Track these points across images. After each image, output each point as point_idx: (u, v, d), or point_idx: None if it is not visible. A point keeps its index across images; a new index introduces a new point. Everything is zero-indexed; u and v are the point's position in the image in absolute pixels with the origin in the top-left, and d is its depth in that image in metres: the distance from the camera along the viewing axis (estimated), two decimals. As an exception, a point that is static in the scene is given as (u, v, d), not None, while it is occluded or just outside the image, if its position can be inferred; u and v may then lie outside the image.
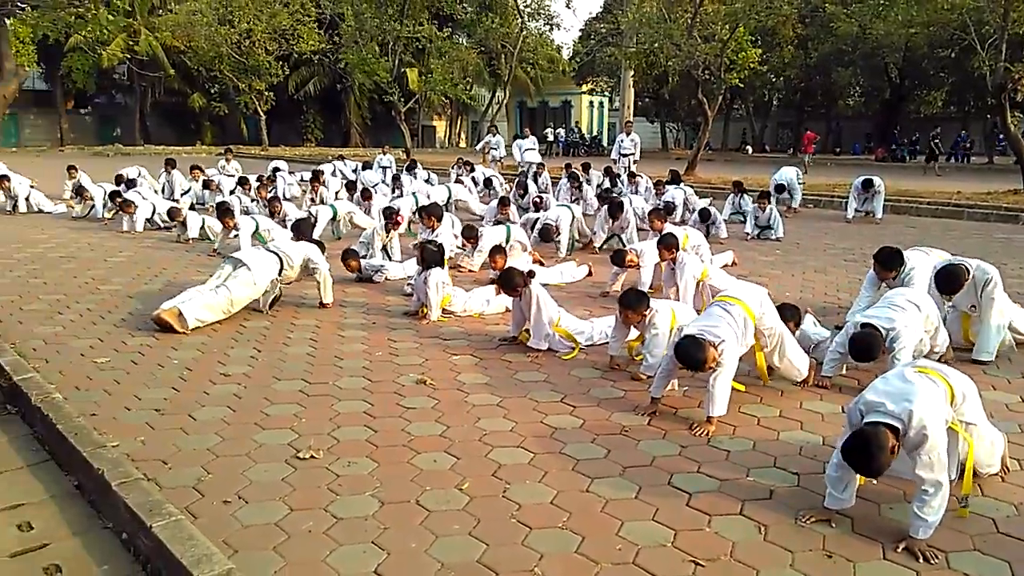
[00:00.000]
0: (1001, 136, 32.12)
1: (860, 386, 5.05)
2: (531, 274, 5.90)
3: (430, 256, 6.86)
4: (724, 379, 4.38)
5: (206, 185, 15.33)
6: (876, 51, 32.67)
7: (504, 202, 12.23)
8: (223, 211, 9.78)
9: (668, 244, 7.16)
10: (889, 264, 6.14)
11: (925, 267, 6.11)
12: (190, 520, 3.30)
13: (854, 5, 23.69)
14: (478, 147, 21.83)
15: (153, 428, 4.35)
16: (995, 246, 11.20)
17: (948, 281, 5.63)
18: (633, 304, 5.25)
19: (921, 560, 3.07)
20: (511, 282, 5.87)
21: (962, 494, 3.45)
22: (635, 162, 18.64)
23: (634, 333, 5.60)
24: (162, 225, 12.11)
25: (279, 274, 7.02)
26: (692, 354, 4.35)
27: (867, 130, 42.54)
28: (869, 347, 4.76)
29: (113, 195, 13.10)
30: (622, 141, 19.28)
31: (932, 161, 26.22)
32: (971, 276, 5.62)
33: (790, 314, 5.32)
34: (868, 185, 13.80)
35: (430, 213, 8.91)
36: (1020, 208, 14.57)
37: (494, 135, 22.62)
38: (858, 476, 3.40)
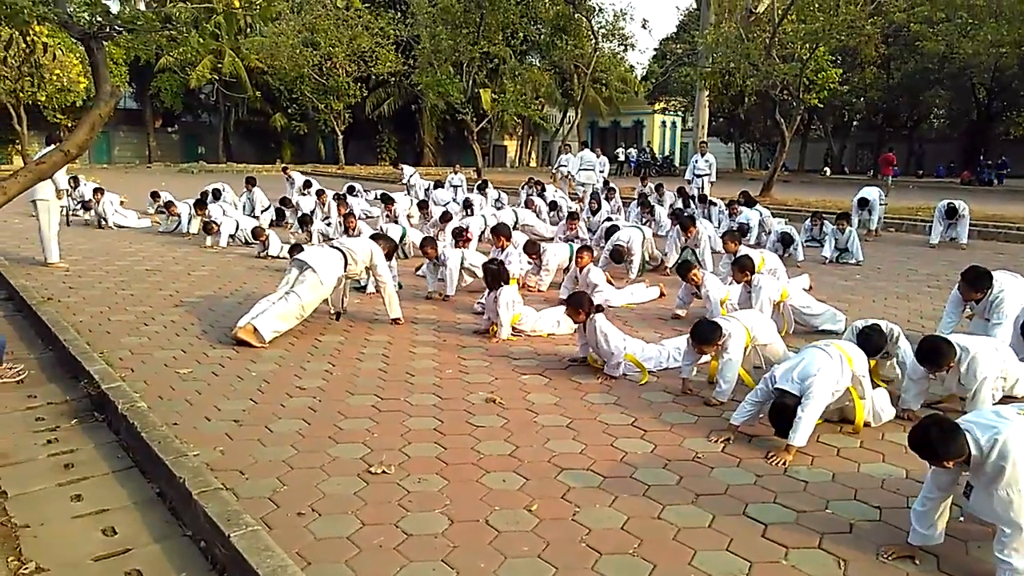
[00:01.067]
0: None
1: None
2: (599, 308, 5.82)
3: (493, 275, 6.88)
4: (812, 411, 4.24)
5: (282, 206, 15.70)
6: (963, 71, 31.57)
7: (573, 216, 12.22)
8: (303, 219, 10.01)
9: (743, 266, 7.04)
10: (977, 284, 5.90)
11: (1016, 292, 5.85)
12: (266, 531, 3.37)
13: (940, 24, 23.00)
14: (553, 168, 21.89)
15: (232, 439, 4.47)
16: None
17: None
18: (706, 337, 5.15)
19: None
20: (577, 307, 5.81)
21: None
22: (711, 183, 18.40)
23: (706, 356, 5.51)
24: (246, 241, 12.50)
25: (344, 269, 7.10)
26: (782, 417, 4.29)
27: (951, 152, 41.02)
28: (936, 350, 4.56)
29: (198, 204, 13.50)
30: (696, 161, 19.09)
31: None
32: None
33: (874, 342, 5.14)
34: (952, 213, 13.29)
35: (500, 232, 8.96)
36: (1121, 235, 13.80)
37: (565, 153, 22.67)
38: (947, 512, 3.26)
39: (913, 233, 15.26)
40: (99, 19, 6.21)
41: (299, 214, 13.50)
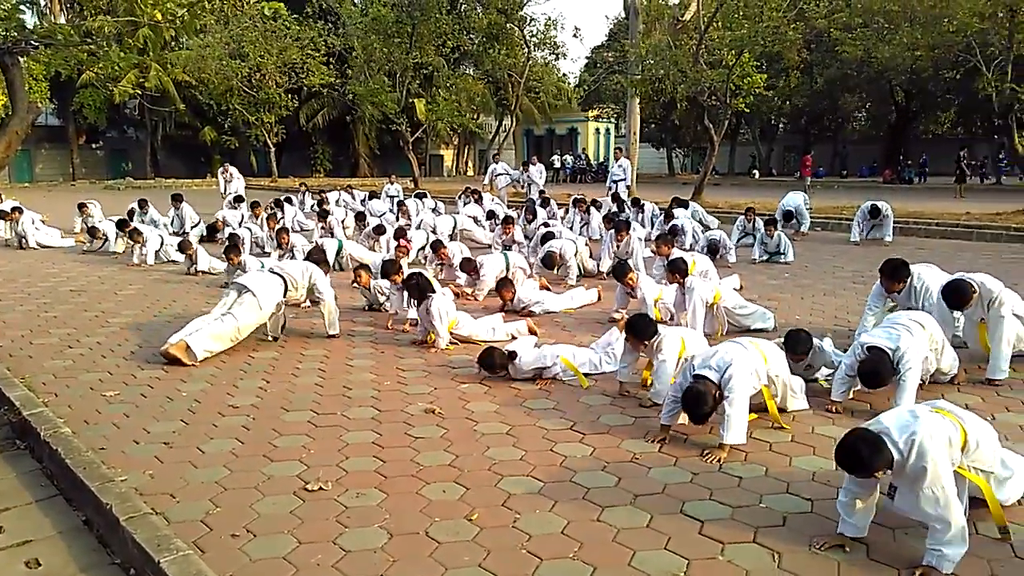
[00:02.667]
0: (1002, 157, 32.18)
1: (872, 410, 5.02)
2: (512, 355, 5.84)
3: (415, 290, 6.85)
4: (740, 404, 4.35)
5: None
6: (882, 75, 32.73)
7: (508, 220, 12.28)
8: (231, 247, 9.81)
9: (676, 269, 7.19)
10: (895, 275, 6.14)
11: (934, 277, 6.10)
12: (198, 555, 3.28)
13: (859, 30, 23.82)
14: (485, 180, 21.97)
15: (162, 461, 4.34)
16: (1006, 266, 11.12)
17: (956, 296, 5.61)
18: (639, 331, 5.24)
19: None
20: (492, 364, 5.80)
21: (998, 525, 3.39)
22: (628, 187, 18.66)
23: (642, 357, 5.58)
24: (168, 259, 12.20)
25: (284, 295, 7.02)
26: (703, 406, 4.33)
27: (874, 153, 42.51)
28: (877, 372, 4.73)
29: (121, 224, 13.16)
30: (612, 168, 19.49)
31: (961, 183, 25.92)
32: (977, 292, 5.59)
33: (793, 344, 5.33)
34: (876, 212, 13.79)
35: (437, 248, 8.92)
36: (1030, 228, 14.49)
37: (497, 163, 22.77)
38: (873, 503, 3.36)
39: (838, 232, 15.75)
40: (14, 34, 6.00)
41: (227, 232, 13.28)
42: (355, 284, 8.44)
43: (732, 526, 3.53)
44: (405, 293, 7.92)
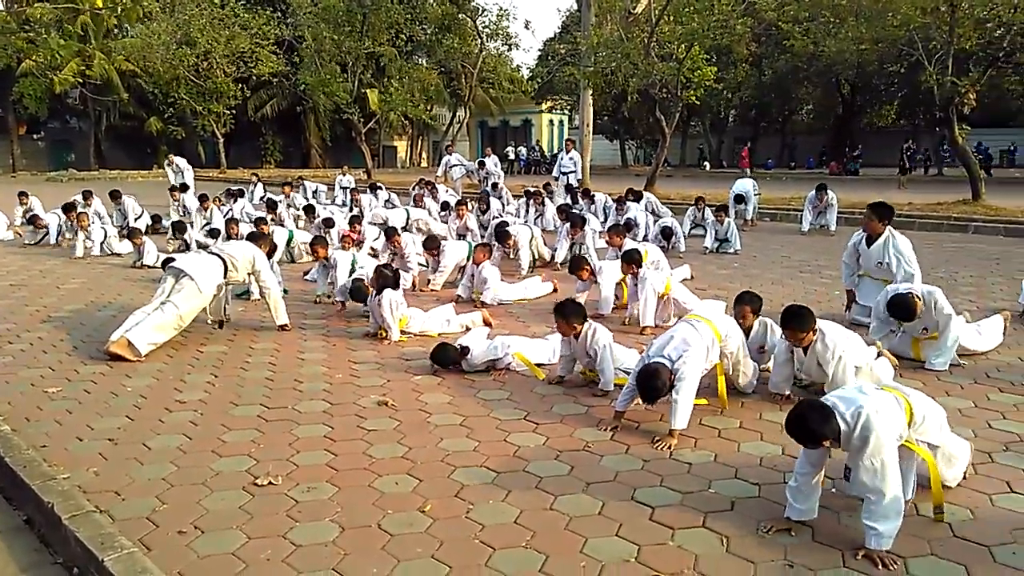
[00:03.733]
0: (948, 148, 33.05)
1: (819, 395, 5.13)
2: (464, 350, 5.84)
3: (383, 279, 6.81)
4: (687, 392, 4.42)
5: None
6: (829, 68, 33.36)
7: (461, 203, 12.27)
8: (177, 223, 9.65)
9: (630, 260, 7.27)
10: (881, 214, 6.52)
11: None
12: (144, 552, 3.22)
13: (807, 23, 24.21)
14: (439, 171, 21.86)
15: (106, 459, 4.24)
16: (947, 255, 11.46)
17: (903, 310, 5.74)
18: (566, 314, 5.25)
19: (880, 567, 3.10)
20: (446, 360, 5.79)
21: (935, 504, 3.50)
22: (578, 180, 18.71)
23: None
24: (112, 252, 11.92)
25: (224, 276, 6.83)
26: (656, 389, 4.39)
27: (821, 145, 43.35)
28: (799, 315, 4.78)
29: (67, 208, 12.76)
30: (562, 159, 19.48)
31: (905, 174, 26.61)
32: (922, 302, 5.72)
33: (748, 299, 5.49)
34: (822, 189, 14.17)
35: (390, 234, 8.85)
36: (969, 218, 14.95)
37: (450, 154, 22.62)
38: (819, 488, 3.44)
39: (786, 222, 16.05)
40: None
41: (172, 220, 13.01)
42: (307, 273, 8.42)
43: (682, 512, 3.58)
44: (328, 269, 8.31)
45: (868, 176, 32.53)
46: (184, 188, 15.79)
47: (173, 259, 7.11)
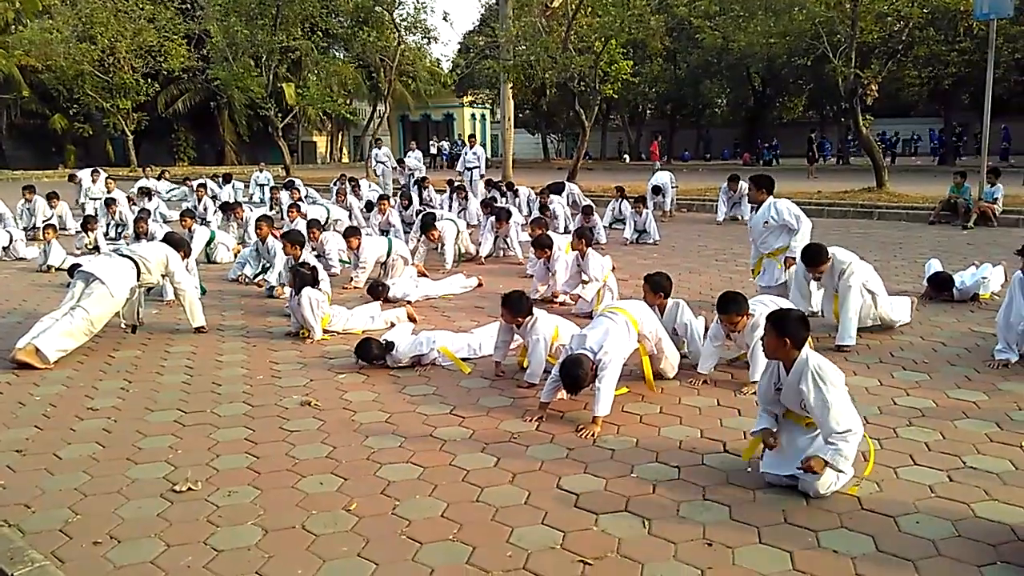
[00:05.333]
0: (854, 138, 34.49)
1: (734, 380, 5.32)
2: (389, 345, 5.83)
3: (301, 278, 6.69)
4: (609, 380, 4.51)
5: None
6: (740, 61, 34.35)
7: (383, 198, 12.17)
8: (88, 220, 9.31)
9: (541, 244, 7.89)
10: (759, 184, 6.91)
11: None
12: (56, 565, 3.11)
13: (717, 18, 24.85)
14: (372, 163, 21.60)
15: (14, 471, 4.07)
16: (854, 240, 11.95)
17: (814, 256, 6.06)
18: (513, 306, 5.34)
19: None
20: (368, 354, 5.78)
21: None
22: (481, 175, 18.72)
23: (517, 340, 5.68)
24: (17, 256, 11.37)
25: (137, 279, 6.60)
26: (577, 378, 4.49)
27: (735, 137, 44.60)
28: (734, 299, 5.10)
29: None
30: (465, 154, 19.45)
31: (813, 164, 27.58)
32: (831, 260, 6.02)
33: (657, 282, 5.69)
34: (734, 179, 14.71)
35: (311, 226, 8.70)
36: (874, 204, 15.64)
37: (379, 148, 22.31)
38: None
39: (703, 212, 16.48)
40: None
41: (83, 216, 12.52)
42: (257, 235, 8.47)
43: (605, 497, 3.66)
44: (261, 254, 8.56)
45: (780, 167, 33.65)
46: (32, 190, 14.98)
47: (80, 264, 6.84)
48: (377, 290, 7.89)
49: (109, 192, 16.49)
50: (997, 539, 3.21)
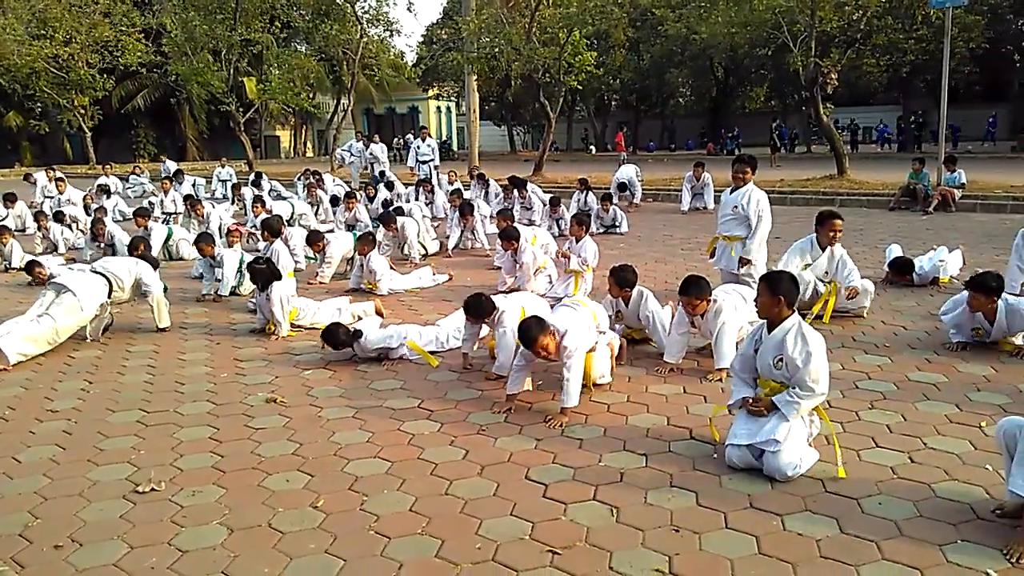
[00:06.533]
0: (816, 126, 34.92)
1: (700, 368, 5.36)
2: (357, 334, 5.80)
3: (262, 276, 6.61)
4: (576, 371, 4.51)
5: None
6: (703, 52, 34.54)
7: (350, 196, 12.06)
8: (32, 264, 9.09)
9: (508, 236, 7.97)
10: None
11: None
12: (16, 570, 3.05)
13: (680, 9, 24.98)
14: (337, 156, 21.35)
15: (-30, 476, 3.98)
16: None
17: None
18: (476, 311, 5.34)
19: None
20: (336, 341, 5.74)
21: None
22: (435, 167, 18.61)
23: (485, 330, 5.68)
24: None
25: (108, 297, 6.55)
26: (530, 330, 4.52)
27: (699, 127, 44.90)
28: (696, 283, 5.23)
29: None
30: (419, 147, 19.27)
31: (775, 152, 27.87)
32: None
33: (624, 277, 5.75)
34: (699, 166, 14.91)
35: (266, 227, 8.55)
36: (836, 192, 15.86)
37: (362, 140, 21.92)
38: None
39: (668, 202, 16.57)
40: None
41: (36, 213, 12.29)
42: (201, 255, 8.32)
43: (573, 486, 3.67)
44: (214, 267, 8.28)
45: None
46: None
47: (38, 261, 6.69)
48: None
49: (60, 193, 16.09)
50: (958, 518, 3.27)
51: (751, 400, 3.88)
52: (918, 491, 3.53)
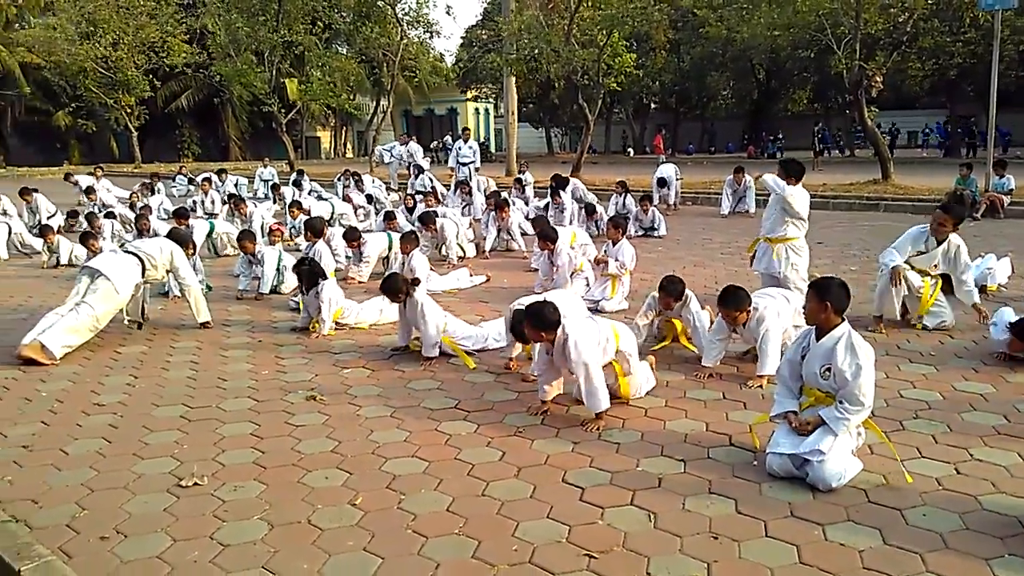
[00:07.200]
0: (860, 130, 34.36)
1: (739, 373, 5.30)
2: (415, 282, 5.87)
3: (307, 276, 6.69)
4: (587, 380, 4.38)
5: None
6: (744, 53, 34.22)
7: (389, 216, 12.01)
8: (86, 236, 9.30)
9: (546, 237, 7.91)
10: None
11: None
12: (64, 560, 3.12)
13: (721, 10, 24.74)
14: (375, 157, 21.51)
15: (21, 466, 4.09)
16: (860, 233, 11.94)
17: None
18: (540, 321, 4.92)
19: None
20: (395, 288, 5.82)
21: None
22: (476, 168, 18.63)
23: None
24: (22, 249, 11.41)
25: (142, 276, 6.62)
26: (541, 312, 4.50)
27: (739, 130, 44.41)
28: (735, 294, 5.11)
29: None
30: (460, 148, 19.19)
31: (819, 156, 27.49)
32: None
33: (672, 288, 5.72)
34: (739, 171, 14.68)
35: (308, 228, 8.66)
36: (880, 197, 15.59)
37: (404, 143, 21.98)
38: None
39: (708, 205, 16.43)
40: None
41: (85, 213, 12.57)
42: (242, 252, 8.36)
43: (611, 491, 3.65)
44: (253, 264, 8.32)
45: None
46: (29, 192, 14.86)
47: (92, 232, 6.79)
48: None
49: (91, 201, 16.05)
50: (1005, 532, 3.20)
51: (798, 422, 3.79)
52: (964, 503, 3.45)
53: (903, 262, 6.36)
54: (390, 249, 9.22)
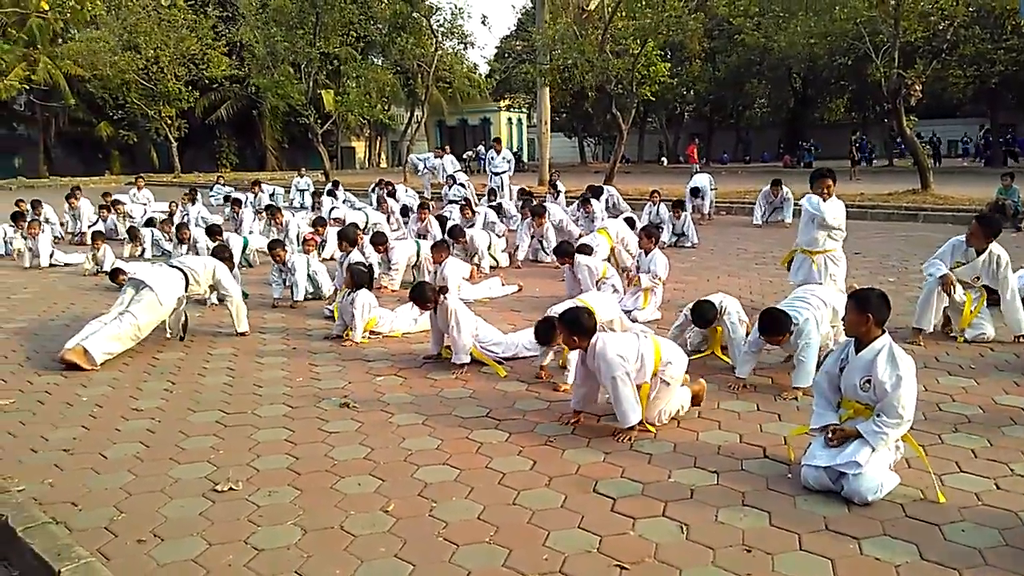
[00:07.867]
0: (899, 139, 33.86)
1: (774, 384, 5.25)
2: (443, 289, 5.91)
3: (359, 277, 6.80)
4: (616, 395, 4.32)
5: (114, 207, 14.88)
6: (781, 62, 33.91)
7: (423, 207, 12.08)
8: (132, 236, 9.50)
9: (562, 252, 7.91)
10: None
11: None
12: (102, 562, 3.18)
13: (758, 18, 24.53)
14: (413, 167, 21.71)
15: (62, 469, 4.17)
16: (898, 243, 11.75)
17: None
18: (542, 336, 5.13)
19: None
20: (423, 296, 5.87)
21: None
22: (510, 177, 18.61)
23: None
24: (63, 262, 11.66)
25: (185, 290, 6.78)
26: (577, 317, 4.52)
27: (775, 138, 44.05)
28: (776, 320, 5.02)
29: (15, 217, 12.45)
30: (492, 159, 19.18)
31: (856, 165, 27.14)
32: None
33: (697, 318, 5.72)
34: (776, 184, 14.49)
35: (343, 237, 8.75)
36: (919, 207, 15.31)
37: (440, 156, 22.14)
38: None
39: (742, 215, 16.26)
40: None
41: (128, 224, 12.78)
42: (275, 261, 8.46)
43: (642, 501, 3.63)
44: (286, 274, 8.40)
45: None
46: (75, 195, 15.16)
47: (122, 269, 6.96)
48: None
49: (104, 220, 16.08)
50: (1047, 549, 3.12)
51: (834, 434, 3.74)
52: (1004, 519, 3.38)
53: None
54: (419, 256, 9.28)
